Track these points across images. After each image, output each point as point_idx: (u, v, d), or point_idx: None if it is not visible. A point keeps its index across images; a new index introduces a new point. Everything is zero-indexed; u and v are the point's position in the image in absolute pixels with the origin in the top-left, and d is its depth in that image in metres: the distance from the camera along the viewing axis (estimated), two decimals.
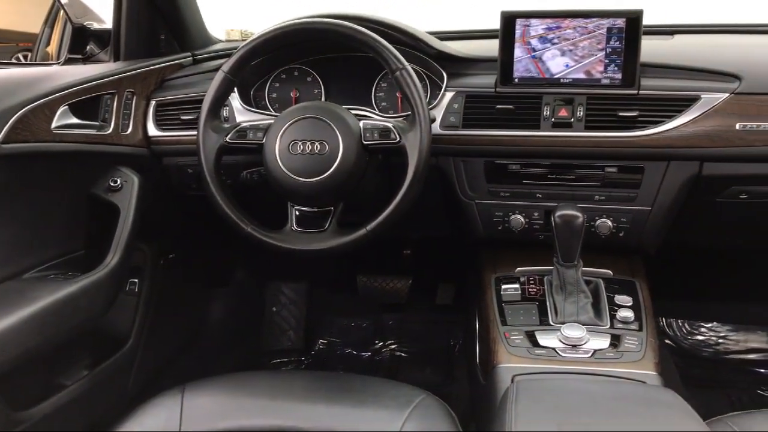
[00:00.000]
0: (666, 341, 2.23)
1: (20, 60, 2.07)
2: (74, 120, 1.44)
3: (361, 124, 1.39)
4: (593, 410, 1.00)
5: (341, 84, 1.69)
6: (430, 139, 1.35)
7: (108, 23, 1.73)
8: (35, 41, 1.98)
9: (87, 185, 1.51)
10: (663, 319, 2.26)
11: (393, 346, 2.38)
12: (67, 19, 1.74)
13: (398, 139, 1.36)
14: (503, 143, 1.48)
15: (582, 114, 1.44)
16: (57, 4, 1.83)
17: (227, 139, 1.40)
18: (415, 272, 2.39)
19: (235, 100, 1.60)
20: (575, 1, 1.51)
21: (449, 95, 1.52)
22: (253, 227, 1.39)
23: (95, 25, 1.75)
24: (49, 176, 1.41)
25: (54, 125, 1.39)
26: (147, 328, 1.73)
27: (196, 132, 1.41)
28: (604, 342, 1.31)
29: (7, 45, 2.11)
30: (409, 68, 1.35)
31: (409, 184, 1.33)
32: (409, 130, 1.35)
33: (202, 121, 1.41)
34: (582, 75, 1.46)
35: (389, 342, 2.39)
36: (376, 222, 1.35)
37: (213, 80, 1.41)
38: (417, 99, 1.34)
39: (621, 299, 1.42)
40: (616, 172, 1.47)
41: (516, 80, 1.49)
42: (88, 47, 1.73)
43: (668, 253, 1.63)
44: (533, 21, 1.46)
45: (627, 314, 1.37)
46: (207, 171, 1.40)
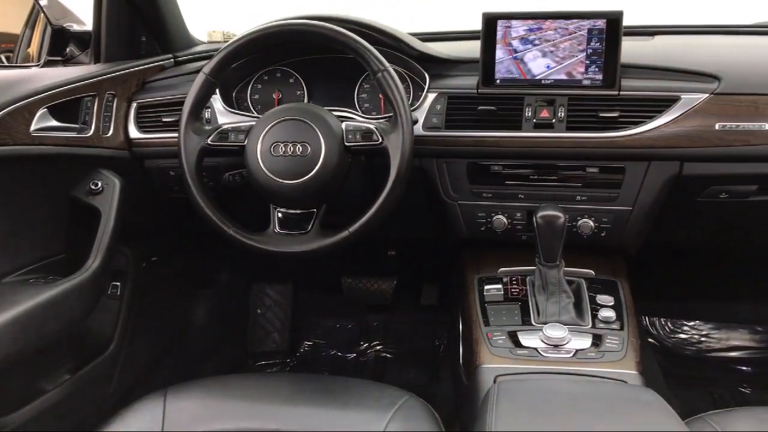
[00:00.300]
0: (649, 340, 2.24)
1: (2, 61, 2.05)
2: (54, 123, 1.43)
3: (344, 126, 1.39)
4: (573, 410, 1.00)
5: (324, 85, 1.69)
6: (413, 141, 1.35)
7: (88, 25, 1.72)
8: (17, 42, 1.96)
9: (67, 188, 1.49)
10: (646, 318, 2.27)
11: (378, 347, 2.38)
12: (47, 21, 1.73)
13: (380, 141, 1.36)
14: (486, 144, 1.49)
15: (563, 115, 1.45)
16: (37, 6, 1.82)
17: (208, 141, 1.40)
18: (400, 273, 2.39)
19: (217, 102, 1.59)
20: (560, 3, 1.52)
21: (431, 96, 1.52)
22: (236, 229, 1.38)
23: (75, 27, 1.74)
24: (29, 179, 1.40)
25: (33, 128, 1.38)
26: (130, 332, 1.72)
27: (177, 134, 1.41)
28: (586, 342, 1.31)
29: None
30: (391, 70, 1.35)
31: (392, 186, 1.33)
32: (392, 132, 1.35)
33: (183, 123, 1.40)
34: (563, 76, 1.47)
35: (374, 343, 2.39)
36: (359, 224, 1.34)
37: (194, 82, 1.40)
38: (399, 100, 1.34)
39: (603, 299, 1.43)
40: (598, 173, 1.48)
41: (498, 81, 1.49)
42: (68, 49, 1.72)
43: (650, 253, 1.64)
44: (514, 22, 1.47)
45: (608, 314, 1.38)
46: (188, 173, 1.39)
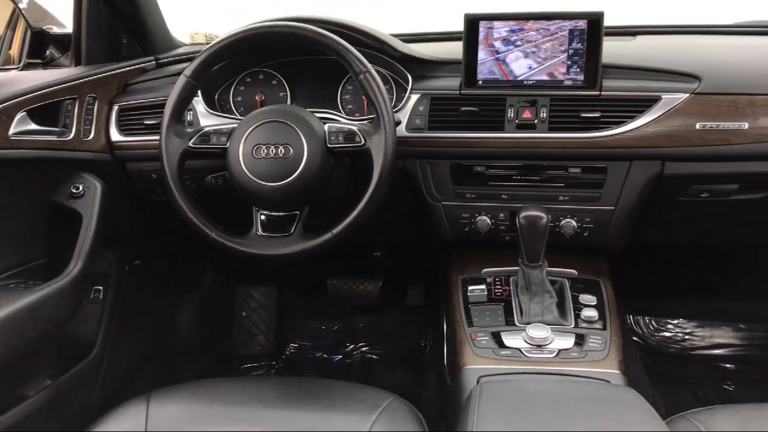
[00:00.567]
0: (633, 338, 2.26)
1: None
2: (33, 126, 1.42)
3: (326, 127, 1.39)
4: (554, 411, 1.01)
5: (307, 87, 1.69)
6: (395, 142, 1.35)
7: (69, 27, 1.70)
8: None
9: (48, 192, 1.48)
10: (630, 317, 2.29)
11: (364, 349, 2.38)
12: (26, 24, 1.71)
13: (363, 142, 1.35)
14: (468, 145, 1.49)
15: (545, 115, 1.45)
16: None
17: (190, 144, 1.39)
18: (386, 274, 2.39)
19: (199, 104, 1.59)
20: (545, 4, 1.52)
21: (414, 98, 1.52)
22: (218, 233, 1.37)
23: (55, 30, 1.73)
24: (8, 184, 1.39)
25: (11, 132, 1.36)
26: (112, 336, 1.71)
27: (159, 137, 1.40)
28: (569, 341, 1.32)
29: None
30: (373, 71, 1.35)
31: (375, 187, 1.33)
32: (374, 133, 1.35)
33: (165, 126, 1.39)
34: (545, 77, 1.47)
35: (360, 344, 2.39)
36: (342, 226, 1.34)
37: (175, 84, 1.40)
38: (381, 102, 1.34)
39: (585, 298, 1.43)
40: (580, 173, 1.49)
41: (480, 82, 1.50)
42: (48, 52, 1.71)
43: (634, 252, 1.65)
44: (496, 23, 1.47)
45: (591, 313, 1.38)
46: (170, 176, 1.38)
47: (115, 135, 1.61)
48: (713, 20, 1.92)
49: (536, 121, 1.46)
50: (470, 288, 1.50)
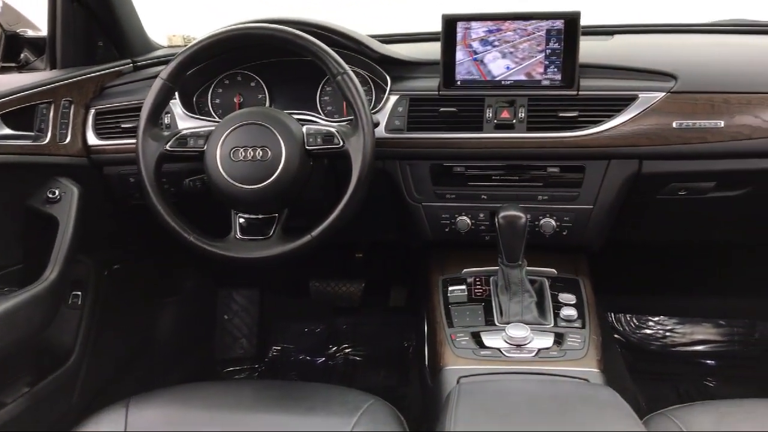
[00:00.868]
0: (615, 336, 2.27)
1: None
2: (7, 131, 1.40)
3: (304, 129, 1.38)
4: (531, 411, 1.01)
5: (286, 88, 1.68)
6: (374, 143, 1.34)
7: (44, 30, 1.69)
8: None
9: (23, 197, 1.46)
10: (612, 315, 2.30)
11: (347, 350, 2.37)
12: (0, 27, 1.70)
13: (341, 144, 1.35)
14: (448, 146, 1.49)
15: (524, 115, 1.46)
16: None
17: (167, 147, 1.38)
18: (368, 275, 2.38)
19: (177, 107, 1.58)
20: (525, 3, 1.52)
21: (393, 99, 1.52)
22: (196, 236, 1.36)
23: (30, 33, 1.71)
24: None
25: None
26: (92, 342, 1.69)
27: (135, 140, 1.39)
28: (548, 341, 1.32)
29: None
30: (350, 73, 1.35)
31: (354, 189, 1.32)
32: (353, 135, 1.35)
33: (141, 130, 1.38)
34: (523, 77, 1.48)
35: (343, 346, 2.38)
36: (321, 228, 1.34)
37: (151, 87, 1.39)
38: (359, 103, 1.34)
39: (565, 297, 1.44)
40: (558, 172, 1.49)
41: (458, 83, 1.50)
42: (23, 55, 1.69)
43: (614, 250, 1.66)
44: (474, 24, 1.47)
45: (570, 312, 1.39)
46: (147, 180, 1.37)
47: (92, 139, 1.59)
48: (691, 19, 1.94)
49: (515, 121, 1.46)
50: (450, 288, 1.50)
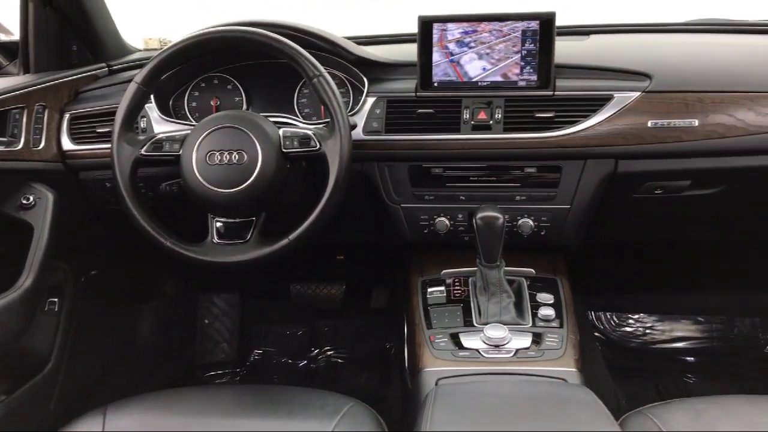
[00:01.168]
0: (595, 334, 2.28)
1: None
2: None
3: (281, 132, 1.37)
4: (506, 412, 1.01)
5: (263, 91, 1.67)
6: (351, 146, 1.34)
7: (16, 34, 1.67)
8: None
9: None
10: (592, 313, 2.31)
11: (329, 353, 2.37)
12: None
13: (318, 147, 1.35)
14: (425, 147, 1.49)
15: (500, 116, 1.46)
16: None
17: (142, 152, 1.37)
18: (349, 277, 2.38)
19: (153, 111, 1.56)
20: (500, 4, 1.52)
21: (371, 101, 1.52)
22: (173, 241, 1.35)
23: (2, 37, 1.69)
24: None
25: None
26: (69, 350, 1.67)
27: (110, 145, 1.37)
28: (526, 341, 1.32)
29: None
30: (326, 75, 1.35)
31: (331, 192, 1.32)
32: (329, 137, 1.34)
33: (116, 134, 1.37)
34: (499, 78, 1.48)
35: (325, 348, 2.38)
36: (299, 231, 1.33)
37: (125, 92, 1.38)
38: (335, 106, 1.33)
39: (543, 297, 1.44)
40: (535, 172, 1.50)
41: (435, 84, 1.50)
42: None
43: (593, 249, 1.67)
44: (450, 25, 1.47)
45: (548, 312, 1.39)
46: (122, 185, 1.36)
47: (67, 144, 1.58)
48: (666, 18, 1.95)
49: (492, 122, 1.46)
50: (430, 290, 1.50)
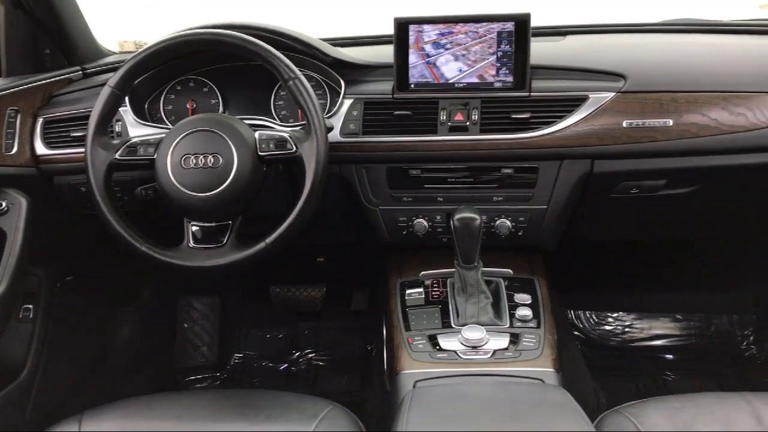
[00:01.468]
0: (575, 333, 2.29)
1: None
2: None
3: (257, 135, 1.37)
4: (482, 414, 1.01)
5: (240, 94, 1.66)
6: (327, 148, 1.34)
7: None
8: None
9: None
10: (571, 312, 2.32)
11: (310, 356, 2.36)
12: None
13: (295, 149, 1.34)
14: (403, 149, 1.49)
15: (477, 117, 1.46)
16: None
17: (117, 156, 1.35)
18: (329, 279, 2.37)
19: (128, 114, 1.55)
20: (478, 5, 1.53)
21: (348, 102, 1.51)
22: (148, 245, 1.34)
23: None
24: None
25: None
26: (45, 356, 1.65)
27: (84, 149, 1.36)
28: (504, 341, 1.33)
29: None
30: (302, 77, 1.34)
31: (308, 195, 1.31)
32: (306, 140, 1.34)
33: (90, 138, 1.35)
34: (475, 79, 1.48)
35: (306, 351, 2.37)
36: (276, 234, 1.32)
37: (99, 96, 1.36)
38: (311, 108, 1.33)
39: (520, 297, 1.45)
40: (512, 173, 1.50)
41: (412, 86, 1.50)
42: None
43: (571, 249, 1.67)
44: (426, 27, 1.47)
45: (526, 312, 1.40)
46: (96, 189, 1.34)
47: (41, 148, 1.56)
48: (642, 18, 1.96)
49: (468, 124, 1.47)
50: (408, 291, 1.50)
